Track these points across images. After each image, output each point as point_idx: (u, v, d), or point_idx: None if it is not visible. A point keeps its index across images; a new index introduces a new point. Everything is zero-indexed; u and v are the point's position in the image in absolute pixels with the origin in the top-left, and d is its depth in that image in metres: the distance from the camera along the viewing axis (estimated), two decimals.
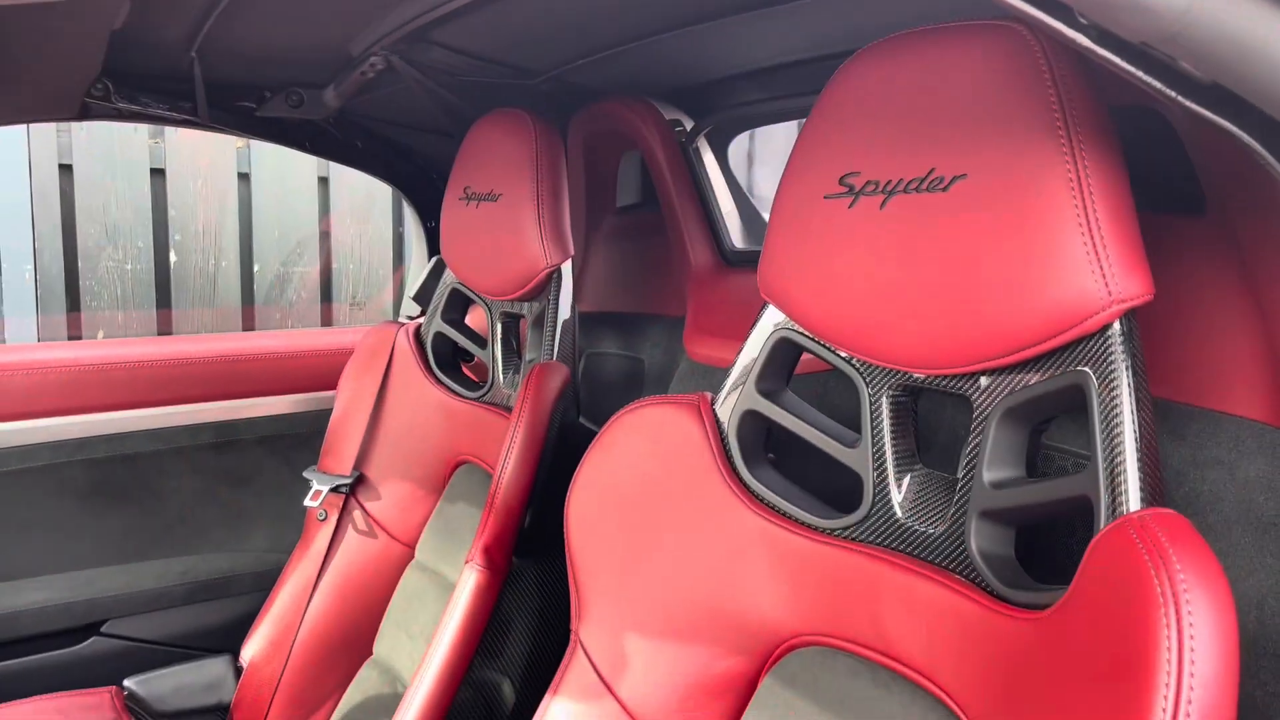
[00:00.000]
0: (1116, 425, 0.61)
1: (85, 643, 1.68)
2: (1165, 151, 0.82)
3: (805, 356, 0.89)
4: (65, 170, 2.99)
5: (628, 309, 1.60)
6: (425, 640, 1.38)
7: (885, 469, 0.81)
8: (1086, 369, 0.63)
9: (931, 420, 0.97)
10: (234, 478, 1.82)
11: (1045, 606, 0.63)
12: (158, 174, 3.11)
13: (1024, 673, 0.63)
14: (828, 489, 0.88)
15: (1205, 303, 0.77)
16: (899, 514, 0.80)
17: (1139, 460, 0.59)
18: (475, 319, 1.65)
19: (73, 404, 1.68)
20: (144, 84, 1.46)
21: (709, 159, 1.46)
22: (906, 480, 0.80)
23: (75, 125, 2.98)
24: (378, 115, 1.67)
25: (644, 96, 1.47)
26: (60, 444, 1.66)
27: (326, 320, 3.40)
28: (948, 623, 0.72)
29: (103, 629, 1.70)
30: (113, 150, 3.04)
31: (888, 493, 0.81)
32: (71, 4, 0.95)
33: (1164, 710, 0.48)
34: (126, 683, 1.57)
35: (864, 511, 0.82)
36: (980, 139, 0.67)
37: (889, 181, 0.74)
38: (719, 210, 1.44)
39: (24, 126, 2.90)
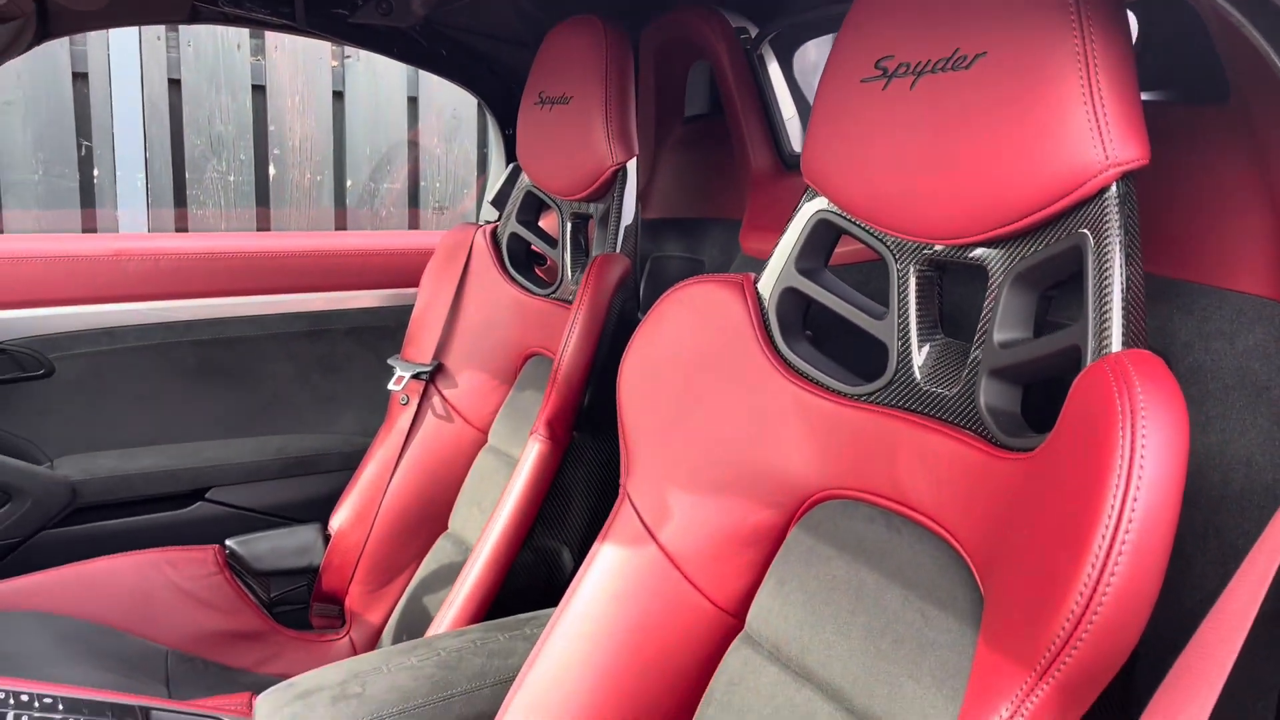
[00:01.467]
0: (1107, 279, 0.65)
1: (191, 507, 1.84)
2: (1196, 43, 0.85)
3: (853, 248, 0.95)
4: (174, 85, 3.13)
5: (691, 214, 1.66)
6: None
7: (909, 338, 0.87)
8: (1086, 231, 0.68)
9: (964, 306, 1.02)
10: (325, 365, 1.95)
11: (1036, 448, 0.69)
12: (259, 90, 3.23)
13: (1012, 505, 0.69)
14: (859, 361, 0.94)
15: (1222, 187, 0.81)
16: (918, 378, 0.85)
17: (1124, 310, 0.64)
18: (548, 224, 1.73)
19: (182, 289, 1.81)
20: None
21: (773, 67, 1.50)
22: (927, 348, 0.86)
23: (183, 42, 3.12)
24: (461, 24, 1.74)
25: (712, 5, 1.51)
26: (171, 325, 1.80)
27: (413, 228, 3.52)
28: (954, 470, 0.78)
29: (207, 495, 1.85)
30: (217, 67, 3.17)
31: (910, 359, 0.87)
32: None
33: (1112, 508, 0.54)
34: (228, 542, 1.72)
35: (887, 377, 0.88)
36: (1000, 18, 0.71)
37: (919, 63, 0.79)
38: (780, 115, 1.48)
39: (138, 44, 3.05)
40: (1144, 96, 0.99)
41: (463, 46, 1.81)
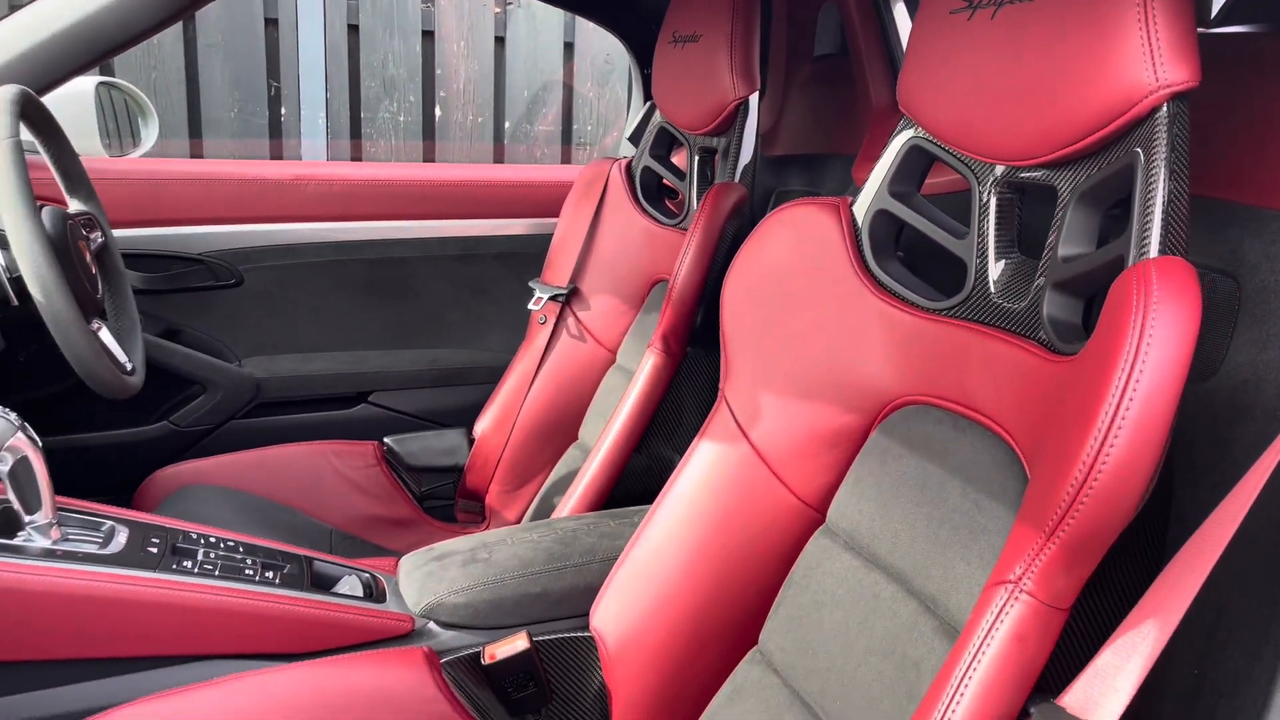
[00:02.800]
0: (1151, 194, 0.70)
1: (356, 407, 2.04)
2: None
3: (949, 178, 1.00)
4: (353, 30, 3.35)
5: (814, 150, 1.71)
6: None
7: (986, 256, 0.92)
8: (1139, 150, 0.72)
9: (1043, 228, 1.05)
10: (474, 286, 2.11)
11: None
12: (428, 35, 3.42)
13: (1055, 400, 0.74)
14: (944, 279, 0.99)
15: None
16: (993, 292, 0.91)
17: (1163, 222, 0.69)
18: (680, 160, 1.81)
19: (353, 212, 2.00)
20: None
21: (899, 8, 1.53)
22: (1002, 265, 0.91)
23: None
24: None
25: None
26: (342, 244, 1.99)
27: (566, 164, 3.66)
28: (1014, 375, 0.84)
29: (369, 398, 2.05)
30: (391, 13, 3.36)
31: (986, 276, 0.92)
32: None
33: (1116, 387, 0.59)
34: (386, 440, 1.90)
35: (965, 293, 0.94)
36: None
37: None
38: (901, 54, 1.51)
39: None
40: (1245, 29, 1.00)
41: None
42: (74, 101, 1.89)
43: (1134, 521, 0.70)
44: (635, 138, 1.93)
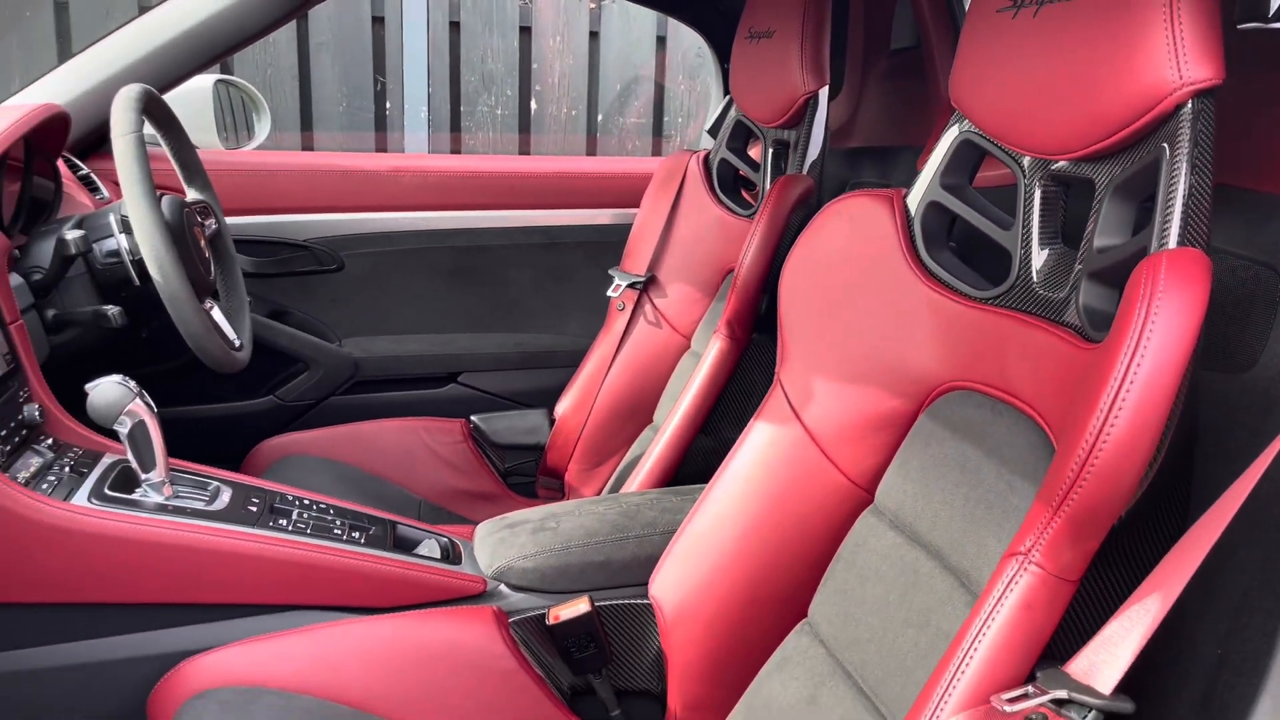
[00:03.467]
0: (1173, 187, 0.72)
1: (445, 387, 2.14)
2: None
3: (1000, 171, 1.02)
4: (454, 27, 3.46)
5: (887, 142, 1.73)
6: None
7: (1030, 246, 0.94)
8: (1165, 144, 0.74)
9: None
10: (558, 273, 2.19)
11: None
12: (525, 31, 3.51)
13: (1079, 386, 0.77)
14: (993, 270, 1.02)
15: None
16: (1035, 282, 0.93)
17: (1183, 214, 0.71)
18: (757, 152, 1.85)
19: (445, 202, 2.09)
20: None
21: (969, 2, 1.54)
22: (1045, 254, 0.93)
23: None
24: None
25: None
26: (434, 233, 2.09)
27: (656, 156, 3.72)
28: (1049, 361, 0.86)
29: (458, 379, 2.15)
30: (491, 10, 3.47)
31: (1030, 266, 0.94)
32: None
33: (1118, 372, 0.62)
34: (473, 418, 1.99)
35: (1009, 283, 0.96)
36: None
37: None
38: None
39: None
40: None
41: None
42: (194, 98, 2.03)
43: (1154, 503, 0.73)
44: (714, 130, 1.97)
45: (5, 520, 1.06)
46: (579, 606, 1.18)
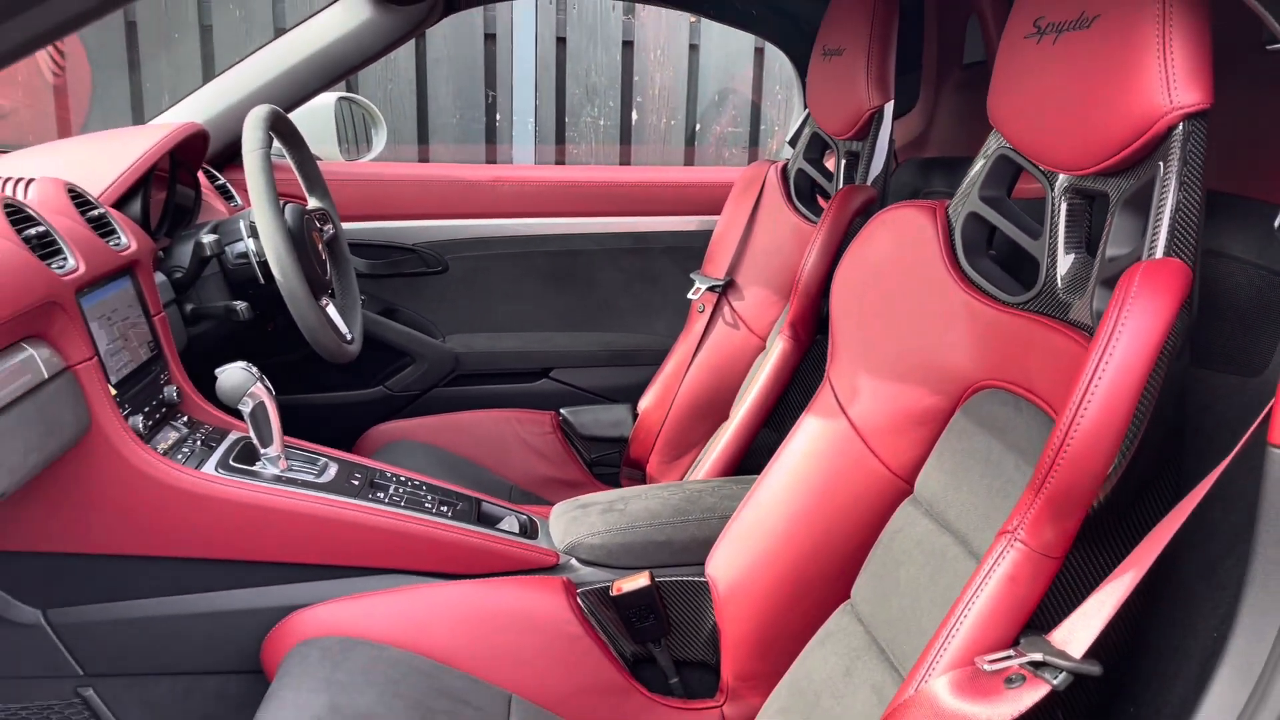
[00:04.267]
0: (1163, 203, 0.77)
1: (538, 382, 2.27)
2: None
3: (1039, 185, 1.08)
4: (560, 43, 3.61)
5: (959, 153, 1.77)
6: None
7: (1056, 255, 1.00)
8: (1160, 163, 0.80)
9: None
10: (644, 276, 2.29)
11: None
12: (627, 45, 3.64)
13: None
14: (1031, 276, 1.08)
15: None
16: (1060, 288, 0.99)
17: (1169, 228, 0.76)
18: (834, 163, 1.92)
19: (540, 210, 2.23)
20: None
21: None
22: (1069, 262, 0.99)
23: (570, 4, 3.58)
24: None
25: None
26: (530, 238, 2.23)
27: None
28: (1064, 362, 0.92)
29: (550, 374, 2.28)
30: (596, 25, 3.60)
31: (1055, 274, 1.00)
32: None
33: (1090, 369, 0.68)
34: (562, 411, 2.11)
35: (1037, 289, 1.02)
36: None
37: (1060, 22, 0.91)
38: None
39: (534, 8, 3.53)
40: None
41: (770, 5, 2.02)
42: (319, 114, 2.22)
43: (1140, 492, 0.79)
44: (794, 141, 2.04)
45: (147, 484, 1.22)
46: (640, 580, 1.27)
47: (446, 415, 2.05)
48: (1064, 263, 0.99)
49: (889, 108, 1.53)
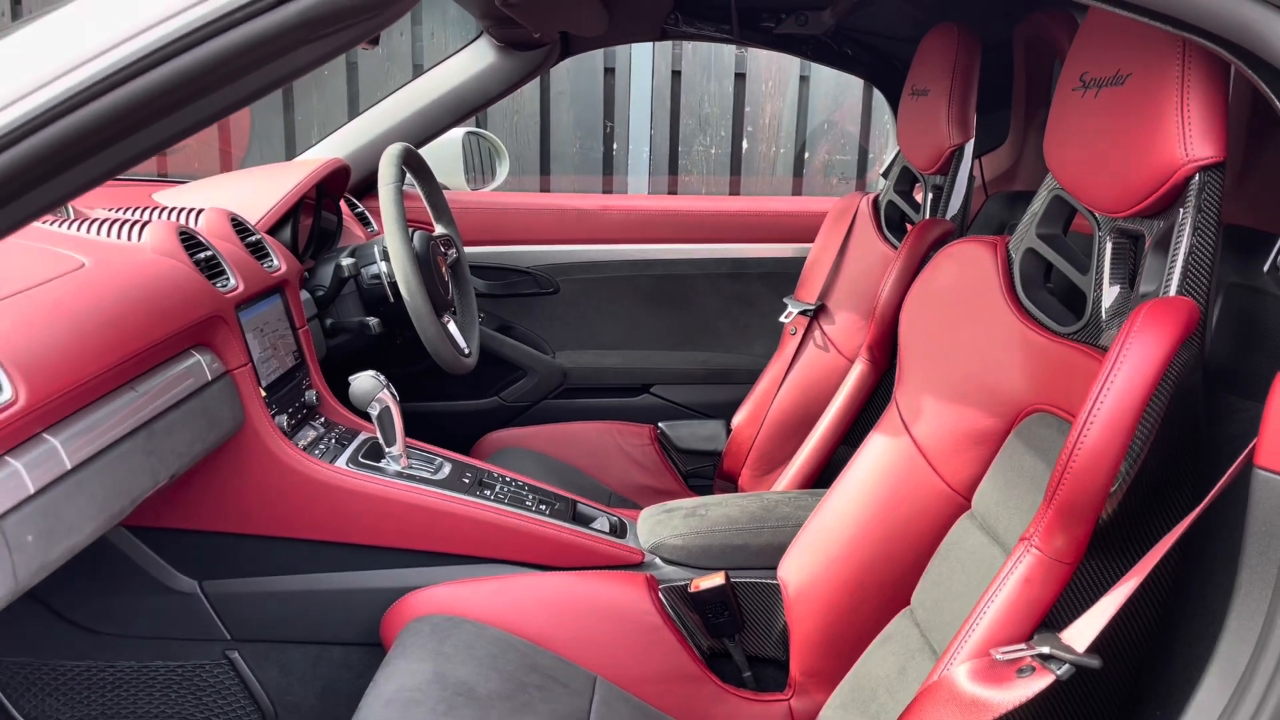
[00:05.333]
0: (1178, 247, 0.84)
1: (639, 396, 2.40)
2: None
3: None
4: (675, 75, 3.75)
5: None
6: None
7: (1102, 289, 1.07)
8: (1180, 210, 0.87)
9: None
10: (741, 300, 2.40)
11: None
12: (739, 78, 3.75)
13: None
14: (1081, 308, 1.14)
15: None
16: (1104, 320, 1.05)
17: (1182, 269, 0.83)
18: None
19: (644, 237, 2.37)
20: (698, 13, 2.00)
21: None
22: (1114, 294, 1.05)
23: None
24: (862, 28, 2.05)
25: (1067, 8, 1.67)
26: (635, 262, 2.37)
27: None
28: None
29: (650, 390, 2.40)
30: (709, 59, 3.73)
31: (1100, 306, 1.06)
32: None
33: (1094, 395, 0.76)
34: (660, 425, 2.24)
35: (1084, 320, 1.08)
36: (1143, 47, 0.90)
37: (1101, 78, 0.99)
38: None
39: (652, 48, 3.68)
40: None
41: (862, 44, 2.11)
42: (448, 147, 2.41)
43: (1151, 507, 0.85)
44: (887, 174, 2.12)
45: (289, 475, 1.40)
46: (716, 579, 1.38)
47: (554, 425, 2.20)
48: (1108, 295, 1.06)
49: (969, 146, 1.60)
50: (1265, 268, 0.83)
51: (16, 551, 0.86)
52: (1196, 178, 0.84)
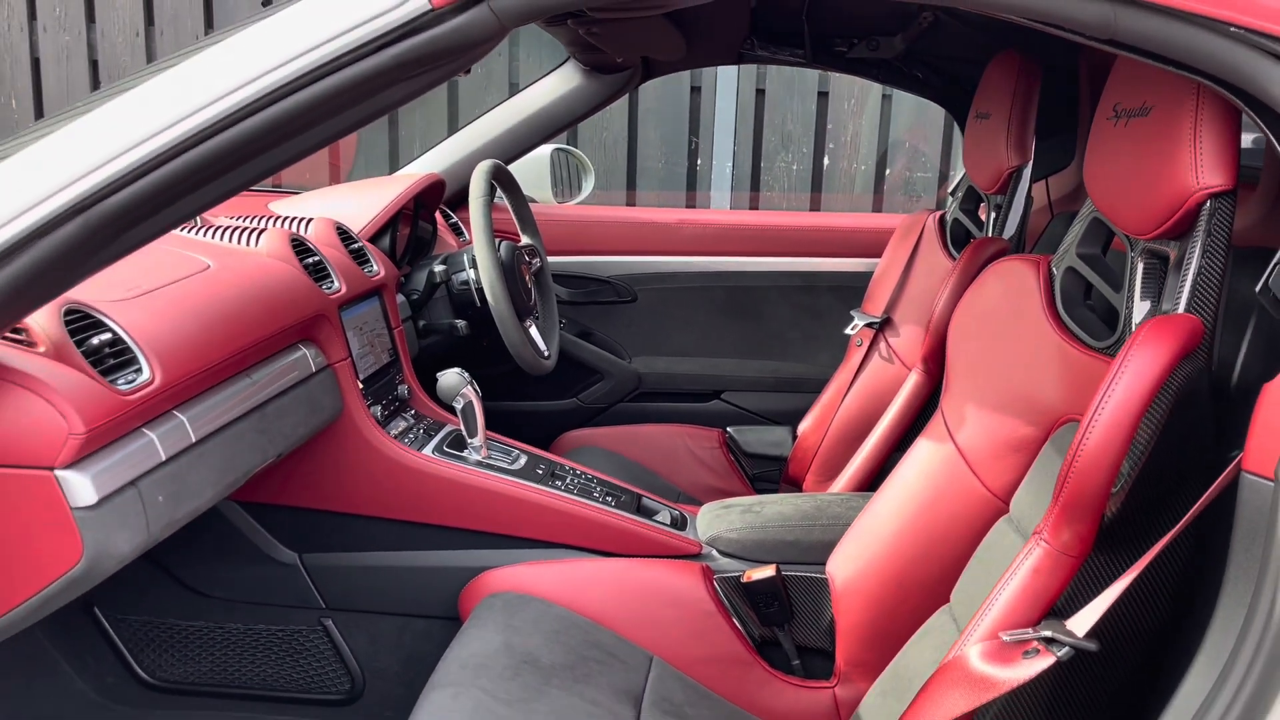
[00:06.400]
0: (1188, 269, 0.90)
1: (710, 402, 2.49)
2: None
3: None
4: (759, 94, 3.83)
5: None
6: None
7: (1133, 305, 1.12)
8: (1193, 234, 0.92)
9: None
10: (811, 312, 2.47)
11: None
12: (822, 96, 3.81)
13: None
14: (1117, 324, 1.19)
15: None
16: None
17: (1190, 288, 0.89)
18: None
19: (718, 249, 2.46)
20: (773, 38, 2.09)
21: None
22: (1144, 310, 1.10)
23: None
24: (932, 51, 2.11)
25: None
26: (709, 274, 2.46)
27: None
28: None
29: (721, 396, 2.49)
30: (793, 77, 3.79)
31: (1131, 322, 1.12)
32: None
33: (1097, 400, 0.83)
34: (729, 430, 2.32)
35: (1116, 335, 1.14)
36: (1165, 82, 0.96)
37: (1130, 109, 1.05)
38: None
39: (737, 67, 3.76)
40: None
41: (931, 68, 2.17)
42: (537, 163, 2.54)
43: (1156, 508, 0.91)
44: (955, 192, 2.17)
45: (382, 460, 1.53)
46: (767, 571, 1.46)
47: (628, 427, 2.30)
48: (1139, 311, 1.11)
49: (1027, 169, 1.65)
50: (1257, 289, 0.88)
51: (150, 508, 1.01)
52: (1208, 204, 0.90)
